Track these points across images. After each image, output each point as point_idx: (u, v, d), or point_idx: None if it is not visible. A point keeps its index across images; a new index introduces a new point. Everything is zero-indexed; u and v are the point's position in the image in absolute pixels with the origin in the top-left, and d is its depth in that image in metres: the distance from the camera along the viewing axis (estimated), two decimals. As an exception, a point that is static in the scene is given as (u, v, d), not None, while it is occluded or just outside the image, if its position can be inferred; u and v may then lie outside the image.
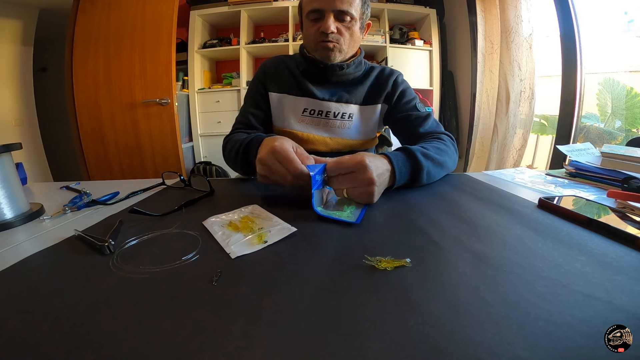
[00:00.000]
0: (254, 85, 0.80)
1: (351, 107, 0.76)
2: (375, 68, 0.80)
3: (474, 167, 2.20)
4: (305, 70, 0.76)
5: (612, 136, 1.56)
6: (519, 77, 1.78)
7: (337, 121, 0.75)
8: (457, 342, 0.18)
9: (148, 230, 0.35)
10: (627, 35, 1.48)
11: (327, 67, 0.73)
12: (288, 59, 0.80)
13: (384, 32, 2.31)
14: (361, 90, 0.76)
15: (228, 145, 0.69)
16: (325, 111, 0.75)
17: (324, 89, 0.76)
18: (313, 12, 0.68)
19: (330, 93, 0.75)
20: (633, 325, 0.18)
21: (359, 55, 0.76)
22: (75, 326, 0.20)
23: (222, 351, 0.17)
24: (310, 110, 0.75)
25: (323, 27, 0.67)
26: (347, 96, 0.75)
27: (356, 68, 0.76)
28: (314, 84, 0.75)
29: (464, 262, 0.27)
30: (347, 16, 0.68)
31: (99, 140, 2.03)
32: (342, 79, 0.76)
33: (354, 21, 0.70)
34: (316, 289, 0.23)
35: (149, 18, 1.92)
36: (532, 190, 0.51)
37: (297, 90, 0.76)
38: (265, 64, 0.81)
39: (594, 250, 0.28)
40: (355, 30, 0.72)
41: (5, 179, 0.40)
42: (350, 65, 0.74)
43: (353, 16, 0.69)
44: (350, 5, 0.67)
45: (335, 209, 0.41)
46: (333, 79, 0.75)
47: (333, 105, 0.75)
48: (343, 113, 0.75)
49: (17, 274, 0.27)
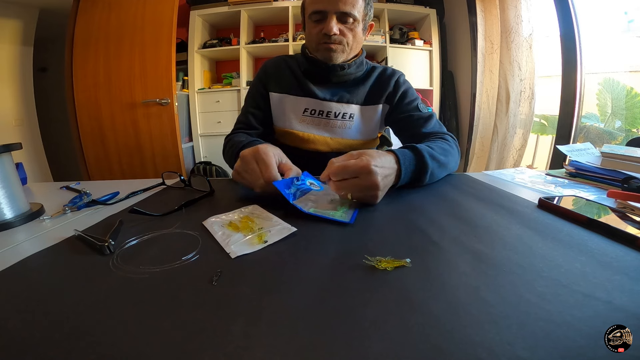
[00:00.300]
0: (255, 85, 0.80)
1: (352, 107, 0.76)
2: (377, 68, 0.80)
3: (474, 167, 2.20)
4: (307, 70, 0.76)
5: (612, 136, 1.56)
6: (519, 77, 1.78)
7: (337, 121, 0.75)
8: (457, 342, 0.18)
9: (148, 230, 0.35)
10: (627, 35, 1.48)
11: (328, 68, 0.72)
12: (289, 59, 0.80)
13: (384, 32, 2.31)
14: (362, 91, 0.76)
15: (227, 146, 0.70)
16: (326, 111, 0.75)
17: (325, 89, 0.75)
18: (316, 13, 0.68)
19: (332, 93, 0.75)
20: (633, 325, 0.18)
21: (360, 56, 0.76)
22: (75, 326, 0.20)
23: (222, 351, 0.17)
24: (311, 110, 0.75)
25: (326, 29, 0.67)
26: (348, 96, 0.75)
27: (357, 68, 0.76)
28: (315, 84, 0.75)
29: (464, 262, 0.27)
30: (350, 18, 0.67)
31: (99, 140, 2.03)
32: (344, 79, 0.75)
33: (356, 23, 0.69)
34: (316, 289, 0.23)
35: (149, 18, 1.92)
36: (532, 190, 0.51)
37: (298, 90, 0.75)
38: (266, 64, 0.81)
39: (594, 250, 0.29)
40: (358, 32, 0.71)
41: (5, 179, 0.40)
42: (352, 65, 0.74)
43: (356, 18, 0.68)
44: (353, 7, 0.66)
45: (329, 209, 0.41)
46: (334, 79, 0.75)
47: (334, 105, 0.75)
48: (344, 113, 0.75)
49: (17, 274, 0.27)
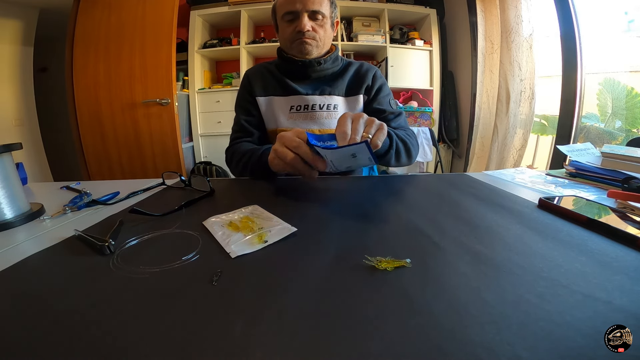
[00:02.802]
0: (241, 94, 0.85)
1: (335, 98, 0.80)
2: (354, 63, 0.85)
3: (474, 167, 2.20)
4: (286, 70, 0.81)
5: (612, 136, 1.56)
6: (519, 77, 1.78)
7: (323, 112, 0.79)
8: (457, 342, 0.18)
9: (148, 230, 0.35)
10: (627, 35, 1.48)
11: (305, 64, 0.78)
12: (268, 64, 0.86)
13: (384, 32, 2.31)
14: (342, 84, 0.81)
15: (235, 156, 0.73)
16: (311, 104, 0.79)
17: (305, 85, 0.80)
18: (288, 13, 0.75)
19: (313, 87, 0.80)
20: (633, 325, 0.18)
21: (334, 51, 0.82)
22: (75, 326, 0.20)
23: (222, 351, 0.17)
24: (297, 107, 0.79)
25: (299, 26, 0.74)
26: (330, 89, 0.80)
27: (333, 63, 0.81)
28: (296, 81, 0.80)
29: (464, 263, 0.27)
30: (319, 15, 0.76)
31: (99, 140, 2.03)
32: (322, 74, 0.81)
33: (325, 19, 0.77)
34: (316, 289, 0.23)
35: (149, 18, 1.92)
36: (532, 190, 0.51)
37: (281, 91, 0.81)
38: (247, 73, 0.86)
39: (594, 250, 0.28)
40: (327, 28, 0.79)
41: (5, 179, 0.40)
42: (328, 60, 0.79)
43: (324, 15, 0.76)
44: (320, 5, 0.75)
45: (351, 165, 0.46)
46: (313, 75, 0.80)
47: (317, 98, 0.79)
48: (328, 104, 0.79)
49: (17, 274, 0.27)
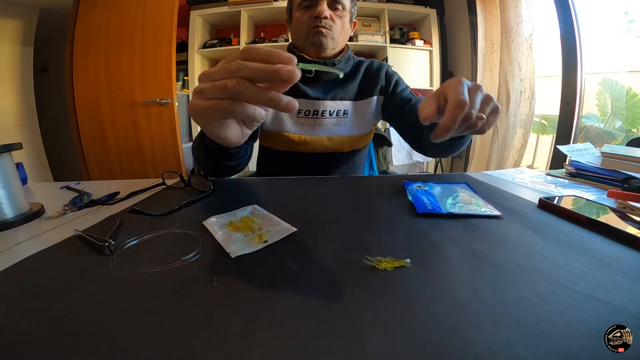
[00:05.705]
0: None
1: (345, 103, 0.77)
2: (364, 62, 0.81)
3: (474, 167, 2.20)
4: None
5: (612, 136, 1.56)
6: (519, 77, 1.78)
7: (333, 119, 0.76)
8: (457, 342, 0.18)
9: (148, 230, 0.35)
10: (627, 35, 1.48)
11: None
12: None
13: (384, 32, 2.31)
14: (353, 85, 0.77)
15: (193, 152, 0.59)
16: (320, 110, 0.75)
17: (316, 88, 0.76)
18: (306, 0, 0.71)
19: (324, 91, 0.76)
20: (633, 325, 0.18)
21: (347, 51, 0.78)
22: (75, 326, 0.20)
23: (222, 351, 0.17)
24: (305, 111, 0.75)
25: (317, 11, 0.69)
26: (342, 93, 0.76)
27: (346, 64, 0.78)
28: (306, 83, 0.75)
29: (464, 263, 0.27)
30: (339, 5, 0.72)
31: (99, 140, 2.03)
32: (334, 76, 0.76)
33: (345, 11, 0.73)
34: (316, 289, 0.23)
35: (149, 18, 1.92)
36: (532, 190, 0.51)
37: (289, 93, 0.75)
38: None
39: (594, 250, 0.28)
40: (346, 22, 0.75)
41: (5, 179, 0.40)
42: (341, 61, 0.76)
43: (344, 6, 0.72)
44: None
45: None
46: (324, 77, 0.75)
47: (328, 103, 0.75)
48: (338, 110, 0.76)
49: (18, 274, 0.27)
